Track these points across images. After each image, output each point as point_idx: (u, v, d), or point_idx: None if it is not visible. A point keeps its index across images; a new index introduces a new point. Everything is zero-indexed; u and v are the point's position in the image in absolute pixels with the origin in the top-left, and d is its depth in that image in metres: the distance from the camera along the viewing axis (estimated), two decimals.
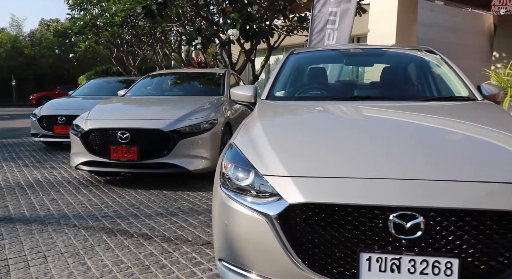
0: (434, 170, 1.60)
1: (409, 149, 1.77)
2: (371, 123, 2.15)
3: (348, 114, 2.33)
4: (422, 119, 2.21)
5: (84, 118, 4.61)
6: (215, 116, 4.64)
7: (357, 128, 2.05)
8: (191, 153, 4.34)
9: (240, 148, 1.98)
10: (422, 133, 1.99)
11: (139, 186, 4.58)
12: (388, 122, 2.18)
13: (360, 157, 1.71)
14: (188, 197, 4.15)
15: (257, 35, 8.08)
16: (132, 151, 4.22)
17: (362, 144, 1.84)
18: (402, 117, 2.25)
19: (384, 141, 1.86)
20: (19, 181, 4.92)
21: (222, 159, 2.05)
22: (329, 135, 1.99)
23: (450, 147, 1.85)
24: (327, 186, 1.60)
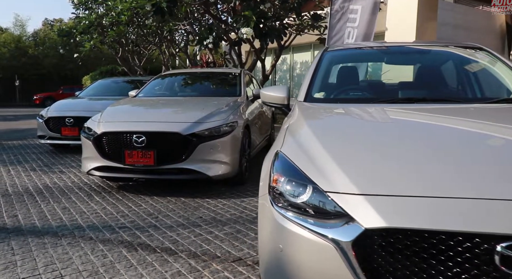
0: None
1: (503, 162, 1.50)
2: (439, 131, 1.88)
3: (409, 119, 2.06)
4: (493, 123, 1.94)
5: (97, 120, 4.35)
6: (235, 119, 4.38)
7: (427, 137, 1.78)
8: (211, 158, 4.07)
9: (291, 158, 1.72)
10: (503, 142, 1.72)
11: (155, 192, 4.32)
12: (459, 129, 1.91)
13: (448, 173, 1.44)
14: (209, 205, 3.88)
15: (271, 34, 7.83)
16: (148, 155, 3.96)
17: (440, 156, 1.57)
18: (470, 122, 1.98)
19: (464, 152, 1.59)
20: (28, 186, 4.67)
21: (269, 170, 1.79)
22: (396, 145, 1.72)
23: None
24: (413, 208, 1.33)
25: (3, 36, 31.50)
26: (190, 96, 5.47)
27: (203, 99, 5.16)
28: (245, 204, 3.90)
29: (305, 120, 2.05)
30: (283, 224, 1.53)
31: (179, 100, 5.17)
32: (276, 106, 2.89)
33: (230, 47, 10.88)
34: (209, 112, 4.29)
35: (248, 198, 4.12)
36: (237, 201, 4.02)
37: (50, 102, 26.24)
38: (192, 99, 5.21)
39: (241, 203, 3.95)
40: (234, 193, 4.33)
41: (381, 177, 1.48)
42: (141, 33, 15.57)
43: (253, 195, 4.23)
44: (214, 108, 4.46)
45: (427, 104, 2.27)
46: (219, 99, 5.06)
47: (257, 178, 4.94)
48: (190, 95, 5.58)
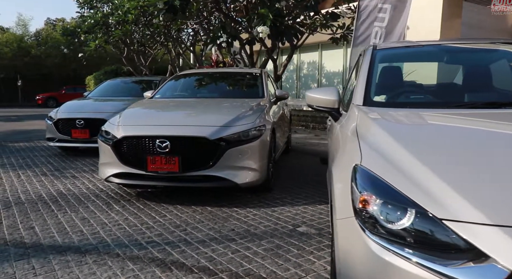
0: None
1: None
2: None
3: (502, 130, 1.78)
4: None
5: (115, 124, 4.07)
6: (263, 122, 4.10)
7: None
8: (239, 164, 3.80)
9: (381, 175, 1.44)
10: None
11: (178, 200, 4.05)
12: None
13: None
14: (238, 215, 3.61)
15: (288, 33, 7.55)
16: (172, 161, 3.68)
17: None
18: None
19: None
20: (41, 193, 4.40)
21: (351, 188, 1.51)
22: (503, 161, 1.44)
23: None
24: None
25: (5, 35, 31.21)
26: (210, 98, 5.18)
27: (225, 101, 4.89)
28: (277, 214, 3.62)
29: (382, 129, 1.77)
30: (387, 259, 1.25)
31: (200, 102, 4.89)
32: (324, 111, 2.62)
33: (241, 47, 10.61)
34: (236, 115, 4.02)
35: (279, 207, 3.85)
36: (267, 210, 3.74)
37: (52, 103, 26.21)
38: (213, 101, 4.93)
39: (273, 213, 3.67)
40: (262, 201, 4.05)
41: (509, 203, 1.20)
42: (147, 33, 15.31)
43: (283, 203, 3.96)
44: (240, 111, 4.18)
45: (507, 109, 2.00)
46: (242, 101, 4.79)
47: (283, 184, 4.68)
48: (210, 96, 5.30)
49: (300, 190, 4.53)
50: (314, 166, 6.07)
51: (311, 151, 7.24)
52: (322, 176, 5.21)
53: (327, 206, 3.88)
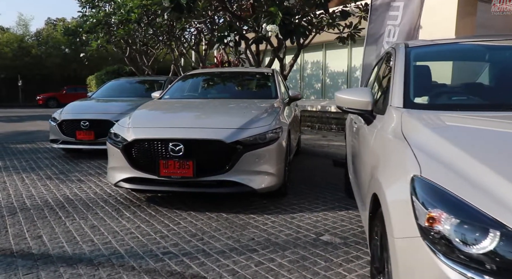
0: None
1: None
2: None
3: None
4: None
5: (125, 126, 3.88)
6: (279, 124, 3.92)
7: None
8: (256, 169, 3.61)
9: (451, 188, 1.25)
10: None
11: (190, 206, 3.86)
12: None
13: None
14: (256, 222, 3.42)
15: (297, 32, 7.36)
16: (186, 166, 3.50)
17: None
18: None
19: None
20: (46, 198, 4.21)
21: (412, 202, 1.32)
22: None
23: None
24: None
25: (5, 35, 31.01)
26: (221, 99, 4.99)
27: (237, 102, 4.70)
28: (297, 221, 3.44)
29: (439, 135, 1.58)
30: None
31: (211, 103, 4.71)
32: (355, 113, 2.44)
33: (246, 46, 10.43)
34: (252, 117, 3.83)
35: (297, 213, 3.66)
36: (286, 217, 3.56)
37: (53, 103, 26.01)
38: (225, 102, 4.74)
39: (292, 219, 3.49)
40: (279, 207, 3.87)
41: None
42: (150, 32, 15.14)
43: (301, 209, 3.78)
44: (255, 113, 4.00)
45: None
46: (255, 102, 4.61)
47: (297, 188, 4.49)
48: (221, 97, 5.11)
49: (316, 194, 4.35)
50: (326, 168, 5.89)
51: (321, 153, 7.06)
52: (336, 179, 5.03)
53: (348, 212, 3.70)
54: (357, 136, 2.91)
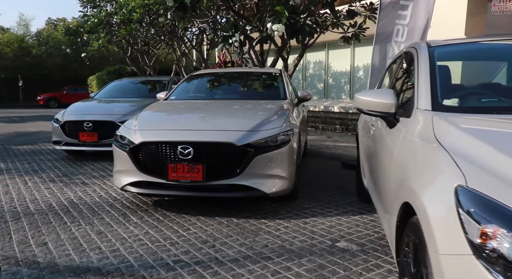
0: None
1: None
2: None
3: None
4: None
5: (132, 128, 3.77)
6: (290, 126, 3.81)
7: None
8: (267, 172, 3.50)
9: (506, 201, 1.14)
10: None
11: (199, 210, 3.75)
12: None
13: None
14: (268, 227, 3.31)
15: (304, 31, 7.25)
16: (196, 170, 3.38)
17: None
18: None
19: None
20: (50, 202, 4.10)
21: (458, 215, 1.21)
22: None
23: None
24: None
25: (6, 35, 30.89)
26: (229, 100, 4.88)
27: (245, 103, 4.59)
28: (310, 227, 3.33)
29: (483, 142, 1.46)
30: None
31: (219, 104, 4.59)
32: (377, 115, 2.32)
33: (250, 46, 10.32)
34: (263, 119, 3.72)
35: (310, 218, 3.55)
36: (298, 222, 3.45)
37: (54, 103, 25.89)
38: (233, 103, 4.62)
39: (305, 225, 3.38)
40: (290, 211, 3.76)
41: None
42: (152, 32, 15.02)
43: (313, 214, 3.66)
44: (265, 114, 3.89)
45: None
46: (264, 103, 4.50)
47: (307, 191, 4.37)
48: (229, 98, 4.99)
49: (327, 197, 4.23)
50: (334, 170, 5.78)
51: (328, 154, 6.94)
52: (346, 182, 4.92)
53: (362, 217, 3.58)
54: (375, 139, 2.80)
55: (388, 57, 5.45)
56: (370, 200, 3.97)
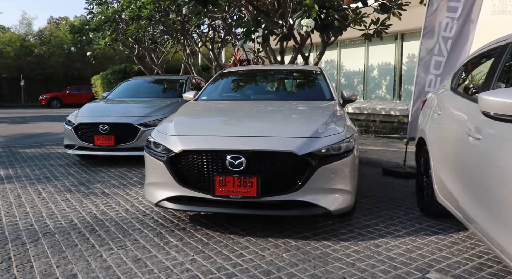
0: None
1: None
2: None
3: None
4: None
5: (169, 133, 3.23)
6: (351, 131, 3.28)
7: None
8: (331, 186, 2.97)
9: None
10: None
11: (244, 229, 3.22)
12: None
13: None
14: (335, 252, 2.79)
15: (334, 26, 6.73)
16: (249, 184, 2.85)
17: None
18: None
19: None
20: (71, 218, 3.58)
21: None
22: None
23: None
24: None
25: (7, 34, 30.32)
26: (269, 100, 4.34)
27: (290, 104, 4.06)
28: (384, 251, 2.80)
29: None
30: None
31: (261, 105, 4.04)
32: None
33: (267, 44, 9.80)
34: (321, 123, 3.19)
35: (378, 239, 3.03)
36: (368, 244, 2.92)
37: (56, 103, 25.32)
38: (276, 104, 4.09)
39: (377, 248, 2.86)
40: (351, 229, 3.23)
41: None
42: (160, 29, 14.51)
43: (380, 233, 3.14)
44: (320, 118, 3.37)
45: None
46: (311, 104, 3.98)
47: (360, 204, 3.83)
48: (268, 98, 4.46)
49: (385, 212, 3.71)
50: (375, 178, 5.25)
51: (363, 159, 6.41)
52: (397, 192, 4.40)
53: (439, 238, 3.06)
54: (482, 149, 2.27)
55: (434, 53, 4.93)
56: (440, 216, 3.47)
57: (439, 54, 4.82)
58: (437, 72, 4.82)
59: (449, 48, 4.78)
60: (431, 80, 4.88)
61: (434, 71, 4.83)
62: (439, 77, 4.83)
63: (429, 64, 4.89)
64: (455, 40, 4.80)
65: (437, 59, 4.80)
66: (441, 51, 4.80)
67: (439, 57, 4.81)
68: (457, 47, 4.82)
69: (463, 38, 4.82)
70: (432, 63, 4.83)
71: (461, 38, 4.82)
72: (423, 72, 4.99)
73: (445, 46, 4.76)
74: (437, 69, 4.83)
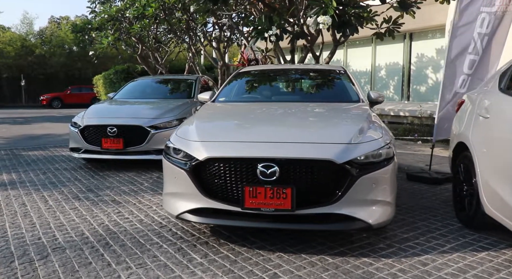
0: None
1: None
2: None
3: None
4: None
5: (191, 139, 2.94)
6: (388, 138, 3.00)
7: None
8: (372, 197, 2.69)
9: None
10: None
11: (274, 243, 2.93)
12: None
13: None
14: (379, 271, 2.50)
15: (352, 24, 6.46)
16: (283, 195, 2.57)
17: None
18: None
19: None
20: (81, 230, 3.29)
21: None
22: None
23: None
24: None
25: (8, 34, 30.02)
26: (293, 102, 4.05)
27: (318, 106, 3.77)
28: (434, 270, 2.52)
29: None
30: None
31: (288, 108, 3.72)
32: None
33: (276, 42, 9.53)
34: (359, 128, 2.91)
35: (423, 255, 2.74)
36: (413, 262, 2.63)
37: (57, 103, 25.00)
38: (303, 106, 3.78)
39: (425, 267, 2.57)
40: (390, 244, 2.95)
41: None
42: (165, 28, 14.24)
43: (423, 248, 2.85)
44: (354, 122, 3.08)
45: None
46: (340, 107, 3.69)
47: (395, 216, 3.55)
48: (292, 100, 4.17)
49: (421, 223, 3.43)
50: (400, 183, 4.95)
51: None
52: (429, 200, 4.10)
53: (489, 255, 2.77)
54: None
55: (468, 51, 4.64)
56: (484, 229, 3.19)
57: (474, 52, 4.54)
58: (469, 71, 4.54)
59: (484, 46, 4.50)
60: (464, 80, 4.60)
61: (467, 71, 4.54)
62: (470, 77, 4.55)
63: (462, 63, 4.60)
64: (491, 36, 4.51)
65: (471, 58, 4.52)
66: (476, 49, 4.52)
67: (473, 55, 4.52)
68: (493, 44, 4.53)
69: (500, 34, 4.53)
70: (466, 63, 4.54)
71: (498, 34, 4.53)
72: (452, 72, 4.70)
73: (480, 44, 4.48)
74: (470, 69, 4.54)
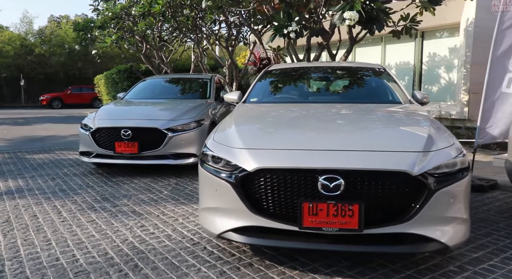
0: None
1: None
2: None
3: None
4: None
5: (233, 145, 2.56)
6: (460, 145, 2.62)
7: None
8: (448, 214, 2.31)
9: None
10: None
11: (326, 264, 2.56)
12: None
13: None
14: None
15: (380, 20, 6.10)
16: (349, 213, 2.19)
17: None
18: None
19: None
20: (104, 248, 2.90)
21: None
22: None
23: None
24: None
25: (7, 33, 29.53)
26: (335, 103, 3.65)
27: (365, 107, 3.37)
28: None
29: None
30: None
31: (333, 110, 3.33)
32: None
33: (288, 41, 9.17)
34: (429, 134, 2.53)
35: (491, 275, 2.37)
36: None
37: (57, 103, 24.53)
38: (350, 107, 3.38)
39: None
40: (460, 266, 2.57)
41: None
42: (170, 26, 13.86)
43: (503, 273, 2.48)
44: (423, 126, 2.71)
45: None
46: (391, 108, 3.33)
47: None
48: (332, 101, 3.78)
49: (486, 239, 3.05)
50: None
51: None
52: (479, 211, 3.71)
53: None
54: None
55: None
56: None
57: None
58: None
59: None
60: (510, 79, 4.23)
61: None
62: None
63: (508, 59, 4.24)
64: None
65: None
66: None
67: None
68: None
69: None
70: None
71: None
72: (497, 72, 4.34)
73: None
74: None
